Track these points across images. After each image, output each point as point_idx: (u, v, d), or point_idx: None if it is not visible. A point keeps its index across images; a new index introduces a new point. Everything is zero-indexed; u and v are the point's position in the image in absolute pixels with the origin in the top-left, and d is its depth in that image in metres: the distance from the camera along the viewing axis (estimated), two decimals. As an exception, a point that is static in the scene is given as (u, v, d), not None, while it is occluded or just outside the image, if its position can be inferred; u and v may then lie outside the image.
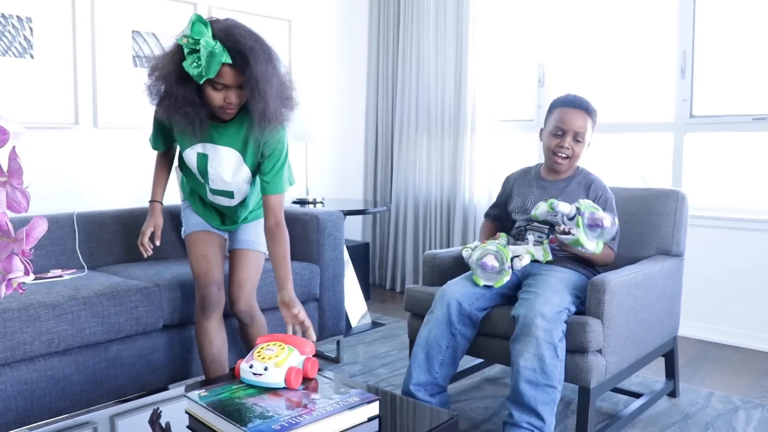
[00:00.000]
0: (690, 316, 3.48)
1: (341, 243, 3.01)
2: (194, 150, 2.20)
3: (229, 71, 1.96)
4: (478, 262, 2.24)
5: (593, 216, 2.10)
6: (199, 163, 2.23)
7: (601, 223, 2.09)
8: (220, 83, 1.98)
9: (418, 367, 2.20)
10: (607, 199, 2.37)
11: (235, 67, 1.96)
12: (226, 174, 2.22)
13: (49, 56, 3.14)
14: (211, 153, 2.20)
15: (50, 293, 2.24)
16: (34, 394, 2.12)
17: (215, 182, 2.25)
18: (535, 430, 2.00)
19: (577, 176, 2.44)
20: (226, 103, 2.03)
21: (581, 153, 2.40)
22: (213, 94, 2.01)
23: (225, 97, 2.01)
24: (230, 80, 1.98)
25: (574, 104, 2.39)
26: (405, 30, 4.43)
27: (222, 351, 2.36)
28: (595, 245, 2.14)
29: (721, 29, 3.50)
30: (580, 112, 2.37)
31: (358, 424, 1.48)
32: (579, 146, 2.38)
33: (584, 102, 2.40)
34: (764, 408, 2.57)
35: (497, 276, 2.22)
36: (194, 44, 1.92)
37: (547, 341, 1.99)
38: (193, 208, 2.45)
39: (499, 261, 2.20)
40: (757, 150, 3.41)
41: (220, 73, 1.95)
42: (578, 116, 2.37)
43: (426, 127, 4.38)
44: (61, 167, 3.24)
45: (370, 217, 4.82)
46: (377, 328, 3.66)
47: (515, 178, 2.59)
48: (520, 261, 2.21)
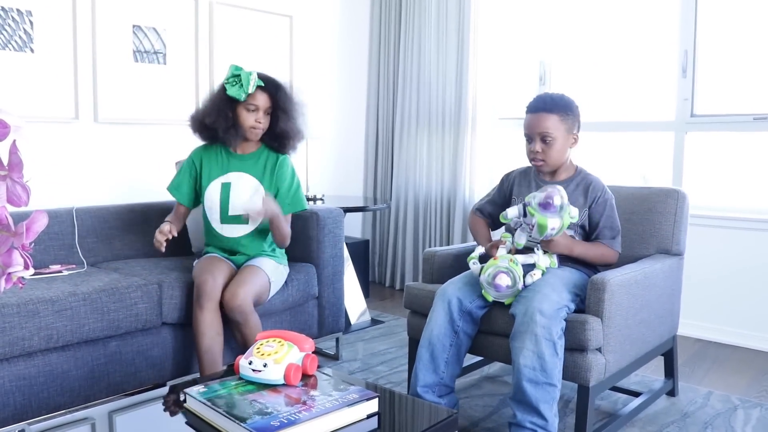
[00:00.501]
0: (690, 316, 3.48)
1: (341, 240, 3.01)
2: (218, 182, 2.61)
3: (262, 95, 2.55)
4: (491, 282, 2.14)
5: (541, 197, 2.11)
6: (222, 193, 2.60)
7: (551, 199, 2.09)
8: (253, 104, 2.53)
9: (424, 368, 2.19)
10: (606, 200, 2.33)
11: (266, 92, 2.55)
12: (245, 196, 2.59)
13: (49, 50, 3.14)
14: (233, 180, 2.61)
15: (50, 288, 2.24)
16: (33, 390, 2.12)
17: (234, 207, 2.59)
18: (538, 429, 2.01)
19: (576, 178, 2.38)
20: (256, 122, 2.55)
21: (555, 152, 2.31)
22: (246, 115, 2.55)
23: (256, 118, 2.55)
24: (262, 102, 2.55)
25: (535, 108, 2.33)
26: (406, 26, 4.43)
27: (215, 343, 2.38)
28: (560, 221, 2.10)
29: (722, 28, 3.49)
30: (540, 114, 2.31)
31: (357, 420, 1.47)
32: (550, 146, 2.30)
33: (546, 101, 2.32)
34: (763, 407, 2.57)
35: (510, 293, 2.16)
36: (236, 73, 2.52)
37: (546, 338, 1.99)
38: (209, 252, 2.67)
39: (512, 279, 2.12)
40: (757, 150, 3.41)
41: (254, 96, 2.53)
42: (539, 118, 2.30)
43: (427, 125, 4.37)
44: (61, 162, 3.24)
45: (370, 214, 4.82)
46: (377, 325, 3.66)
47: (515, 178, 2.52)
48: (532, 278, 2.13)
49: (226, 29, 3.87)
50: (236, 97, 2.51)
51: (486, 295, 2.19)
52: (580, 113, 2.38)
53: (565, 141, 2.33)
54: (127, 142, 3.49)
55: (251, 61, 3.98)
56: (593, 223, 2.33)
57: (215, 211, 2.61)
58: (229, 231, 2.61)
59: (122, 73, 3.42)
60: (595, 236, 2.33)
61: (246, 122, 2.56)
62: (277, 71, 4.11)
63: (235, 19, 3.91)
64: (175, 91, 3.65)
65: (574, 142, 2.36)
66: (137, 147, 3.54)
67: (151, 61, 3.52)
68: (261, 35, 4.06)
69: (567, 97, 2.36)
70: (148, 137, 3.58)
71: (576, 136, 2.36)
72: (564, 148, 2.33)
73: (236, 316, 2.38)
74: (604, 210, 2.31)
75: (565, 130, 2.31)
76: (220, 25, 3.83)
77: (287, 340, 1.65)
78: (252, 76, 2.51)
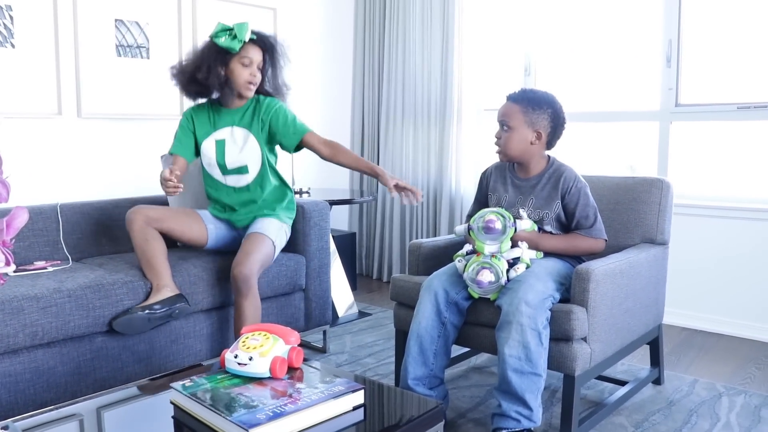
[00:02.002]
0: (675, 304, 3.51)
1: (327, 233, 3.00)
2: (212, 139, 2.64)
3: (255, 48, 2.53)
4: (474, 278, 2.17)
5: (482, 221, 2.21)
6: (217, 150, 2.64)
7: (493, 224, 2.18)
8: (248, 58, 2.51)
9: (414, 361, 2.20)
10: (579, 189, 2.31)
11: (258, 46, 2.54)
12: (238, 149, 2.62)
13: (30, 45, 3.11)
14: (226, 136, 2.64)
15: (34, 285, 2.23)
16: (18, 387, 2.11)
17: (231, 162, 2.63)
18: (523, 418, 2.02)
19: (548, 170, 2.36)
20: (251, 77, 2.53)
21: (511, 142, 2.32)
22: (241, 70, 2.53)
23: (251, 72, 2.53)
24: (256, 56, 2.53)
25: (507, 97, 2.38)
26: (391, 19, 4.42)
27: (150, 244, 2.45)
28: (498, 245, 2.18)
29: (706, 18, 3.51)
30: (505, 103, 2.36)
31: (343, 412, 1.48)
32: (507, 134, 2.32)
33: (518, 92, 2.36)
34: (747, 394, 2.60)
35: (494, 289, 2.17)
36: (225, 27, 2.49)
37: (532, 328, 2.00)
38: (211, 211, 2.74)
39: (495, 275, 2.14)
40: (741, 139, 3.44)
41: (248, 49, 2.51)
42: (503, 107, 2.35)
43: (412, 117, 4.37)
44: (44, 158, 3.22)
45: (356, 207, 4.81)
46: (364, 317, 3.66)
47: (491, 173, 2.52)
48: (516, 272, 2.15)
49: (209, 22, 3.84)
50: (230, 47, 2.47)
51: (472, 292, 2.21)
52: (558, 115, 2.34)
53: (525, 134, 2.31)
54: (111, 137, 3.47)
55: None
56: (568, 214, 2.32)
57: (214, 167, 2.66)
58: (233, 181, 2.67)
59: (105, 67, 3.39)
60: (573, 227, 2.33)
61: (240, 77, 2.52)
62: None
63: (219, 12, 3.89)
64: (159, 86, 3.62)
65: (537, 138, 2.32)
66: (121, 142, 3.52)
67: (134, 56, 3.50)
68: (245, 28, 4.04)
69: (545, 95, 2.35)
70: (132, 132, 3.56)
71: (540, 133, 2.31)
72: (523, 140, 2.32)
73: (240, 286, 2.40)
74: (577, 200, 2.29)
75: (525, 123, 2.30)
76: (203, 19, 3.81)
77: (272, 333, 1.65)
78: (246, 27, 2.48)
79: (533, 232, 2.28)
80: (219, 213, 2.73)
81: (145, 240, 2.44)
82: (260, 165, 2.66)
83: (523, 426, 2.02)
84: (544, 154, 2.39)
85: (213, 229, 2.68)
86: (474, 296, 2.22)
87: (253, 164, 2.65)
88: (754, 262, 3.31)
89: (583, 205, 2.30)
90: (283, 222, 2.70)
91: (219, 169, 2.66)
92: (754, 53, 3.37)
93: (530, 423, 2.03)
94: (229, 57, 2.52)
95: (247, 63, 2.51)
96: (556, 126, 2.34)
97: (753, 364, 2.96)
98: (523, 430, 2.02)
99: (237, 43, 2.47)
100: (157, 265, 2.41)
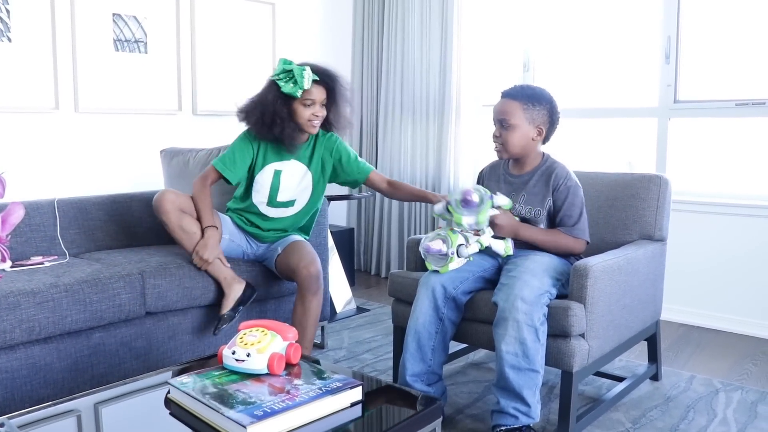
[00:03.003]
0: (673, 301, 3.51)
1: (325, 229, 3.00)
2: (272, 167, 2.63)
3: (317, 88, 2.52)
4: (425, 245, 2.22)
5: (459, 195, 2.19)
6: (273, 180, 2.64)
7: (470, 196, 2.16)
8: (310, 99, 2.50)
9: (411, 358, 2.21)
10: (569, 188, 2.29)
11: (321, 84, 2.52)
12: (295, 184, 2.65)
13: (27, 39, 3.09)
14: (285, 168, 2.64)
15: (31, 280, 2.22)
16: (15, 383, 2.11)
17: (283, 196, 2.65)
18: (521, 415, 2.02)
19: (541, 167, 2.36)
20: (313, 116, 2.52)
21: (514, 139, 2.30)
22: (303, 110, 2.51)
23: (313, 111, 2.52)
24: (318, 96, 2.52)
25: (502, 93, 2.36)
26: (390, 14, 4.40)
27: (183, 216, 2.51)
28: (476, 217, 2.18)
29: (705, 15, 3.50)
30: (504, 100, 2.33)
31: (340, 409, 1.48)
32: (508, 132, 2.30)
33: (514, 88, 2.34)
34: (744, 390, 2.60)
35: (443, 261, 2.20)
36: (287, 68, 2.48)
37: (528, 324, 2.00)
38: (235, 220, 2.74)
39: (446, 246, 2.19)
40: (739, 135, 3.43)
41: (310, 91, 2.49)
42: (502, 104, 2.33)
43: (411, 112, 4.36)
44: (41, 153, 3.21)
45: (355, 203, 4.81)
46: (362, 313, 3.66)
47: (486, 174, 2.55)
48: (466, 248, 2.19)
49: (208, 17, 3.83)
50: (292, 94, 2.48)
51: (428, 264, 2.26)
52: (555, 110, 2.34)
53: (527, 131, 2.30)
54: (109, 132, 3.46)
55: (234, 49, 3.95)
56: (555, 210, 2.31)
57: (263, 195, 2.65)
58: (273, 213, 2.69)
59: (103, 62, 3.38)
60: (557, 224, 2.32)
61: (303, 116, 2.53)
62: (260, 59, 4.09)
63: (217, 7, 3.87)
64: (157, 81, 3.61)
65: (538, 134, 2.32)
66: (119, 137, 3.51)
67: (132, 50, 3.48)
68: (243, 23, 4.03)
69: (541, 90, 2.34)
70: (129, 127, 3.55)
71: (541, 129, 2.32)
72: (524, 137, 2.31)
73: (312, 284, 2.49)
74: (565, 197, 2.28)
75: (526, 120, 2.29)
76: (201, 13, 3.80)
77: (270, 329, 1.65)
78: (306, 72, 2.47)
79: (515, 221, 2.29)
80: (244, 225, 2.72)
81: (192, 233, 2.50)
82: (306, 202, 2.71)
83: (521, 422, 2.02)
84: (539, 150, 2.39)
85: (227, 239, 2.67)
86: (429, 268, 2.25)
87: (301, 200, 2.69)
88: (752, 258, 3.31)
89: (569, 204, 2.28)
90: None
91: (267, 199, 2.66)
92: (752, 50, 3.37)
93: (528, 419, 2.03)
94: (292, 99, 2.52)
95: (310, 104, 2.52)
96: (553, 121, 2.35)
97: (750, 360, 2.97)
98: (521, 426, 2.02)
99: (298, 89, 2.47)
100: None
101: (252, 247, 2.75)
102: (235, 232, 2.71)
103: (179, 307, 2.50)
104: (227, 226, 2.69)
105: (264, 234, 2.72)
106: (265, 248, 2.74)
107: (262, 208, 2.67)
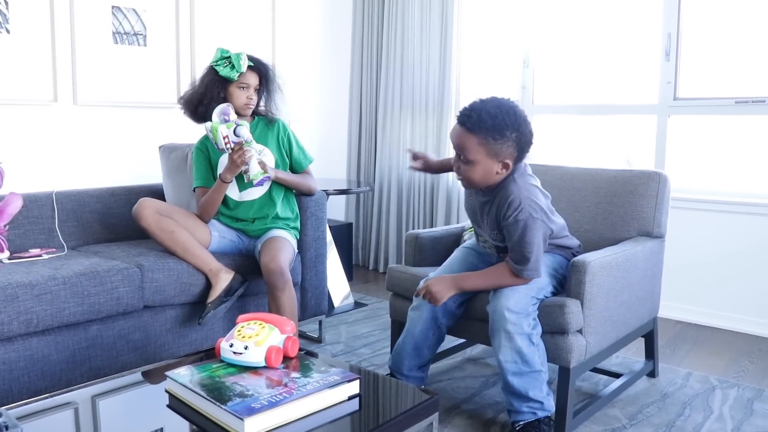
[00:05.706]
0: (671, 298, 3.51)
1: (324, 223, 3.00)
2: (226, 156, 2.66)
3: (251, 74, 2.72)
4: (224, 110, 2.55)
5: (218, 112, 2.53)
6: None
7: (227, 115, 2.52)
8: (245, 83, 2.69)
9: (408, 356, 2.28)
10: (518, 222, 1.98)
11: (255, 71, 2.72)
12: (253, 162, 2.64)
13: (26, 31, 3.08)
14: None
15: (29, 273, 2.22)
16: (13, 375, 2.11)
17: (248, 176, 2.65)
18: (537, 411, 2.07)
19: (499, 191, 2.06)
20: (248, 99, 2.71)
21: (475, 175, 2.00)
22: (239, 93, 2.70)
23: (248, 95, 2.71)
24: (252, 80, 2.71)
25: (459, 120, 1.99)
26: (390, 9, 4.39)
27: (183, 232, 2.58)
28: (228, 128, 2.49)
29: (706, 12, 3.50)
30: (458, 130, 2.00)
31: (338, 402, 1.48)
32: (466, 167, 2.00)
33: (471, 117, 1.95)
34: (740, 387, 2.60)
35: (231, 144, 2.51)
36: (225, 55, 2.67)
37: (519, 333, 2.01)
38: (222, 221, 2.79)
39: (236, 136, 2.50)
40: (739, 133, 3.43)
41: (245, 75, 2.69)
42: (456, 135, 2.00)
43: (410, 108, 4.36)
44: (40, 145, 3.20)
45: (353, 197, 4.81)
46: (360, 308, 3.66)
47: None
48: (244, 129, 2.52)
49: (207, 10, 3.82)
50: (229, 77, 2.66)
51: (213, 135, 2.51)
52: (524, 135, 1.98)
53: (489, 166, 1.99)
54: (108, 124, 3.46)
55: (234, 42, 3.94)
56: (507, 241, 2.08)
57: (232, 185, 2.73)
58: (248, 195, 2.74)
59: (102, 54, 3.37)
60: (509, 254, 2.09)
61: (239, 100, 2.70)
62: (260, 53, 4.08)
63: (216, 2, 3.86)
64: (156, 74, 3.60)
65: (503, 168, 2.00)
66: (118, 130, 3.50)
67: (131, 43, 3.47)
68: (243, 16, 4.02)
69: (505, 117, 1.94)
70: (128, 120, 3.54)
71: (507, 163, 1.99)
72: (488, 172, 2.00)
73: (277, 280, 2.48)
74: (515, 231, 2.01)
75: (486, 155, 1.97)
76: (201, 6, 3.79)
77: (268, 322, 1.65)
78: (243, 57, 2.67)
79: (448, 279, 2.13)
80: (231, 223, 2.77)
81: (170, 231, 2.54)
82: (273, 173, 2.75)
83: (538, 416, 2.07)
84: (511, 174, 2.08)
85: (217, 236, 2.71)
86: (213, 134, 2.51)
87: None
88: (750, 256, 3.31)
89: (519, 239, 2.00)
90: (294, 237, 2.81)
91: (236, 186, 2.72)
92: (752, 48, 3.36)
93: (544, 412, 2.08)
94: (229, 82, 2.69)
95: (245, 87, 2.70)
96: (522, 147, 2.00)
97: (746, 358, 2.97)
98: (539, 419, 2.07)
99: (235, 73, 2.66)
100: (197, 252, 2.55)
101: (243, 242, 2.78)
102: (224, 229, 2.75)
103: (177, 301, 2.50)
104: (216, 225, 2.74)
105: (252, 227, 2.75)
106: (254, 242, 2.77)
107: (235, 195, 2.73)
